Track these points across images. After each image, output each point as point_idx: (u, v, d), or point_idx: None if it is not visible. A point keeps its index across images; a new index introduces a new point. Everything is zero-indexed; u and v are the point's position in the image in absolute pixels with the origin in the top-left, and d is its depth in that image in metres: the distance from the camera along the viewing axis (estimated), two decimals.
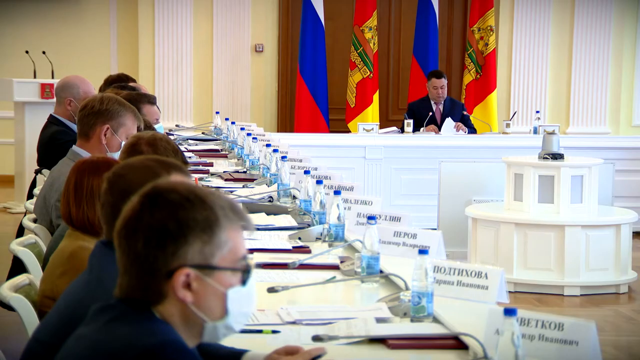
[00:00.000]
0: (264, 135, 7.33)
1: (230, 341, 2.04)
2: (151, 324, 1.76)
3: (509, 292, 2.89)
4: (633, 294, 7.15)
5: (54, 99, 5.80)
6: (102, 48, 11.54)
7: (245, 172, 6.00)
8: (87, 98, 4.40)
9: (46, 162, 5.17)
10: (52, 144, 5.29)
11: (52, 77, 9.62)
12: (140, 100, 4.96)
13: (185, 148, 7.25)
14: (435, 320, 2.71)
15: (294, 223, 4.21)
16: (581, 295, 7.00)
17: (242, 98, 11.49)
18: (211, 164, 6.37)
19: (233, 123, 7.64)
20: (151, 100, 5.36)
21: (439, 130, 9.36)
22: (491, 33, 11.01)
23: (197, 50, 11.36)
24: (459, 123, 9.33)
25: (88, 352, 1.74)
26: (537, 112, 10.91)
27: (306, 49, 10.80)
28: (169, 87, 11.30)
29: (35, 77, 9.82)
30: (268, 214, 4.39)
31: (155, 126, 4.96)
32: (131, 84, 6.35)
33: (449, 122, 9.30)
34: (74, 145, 4.13)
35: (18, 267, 3.80)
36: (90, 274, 2.34)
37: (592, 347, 2.18)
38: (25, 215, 4.32)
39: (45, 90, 9.11)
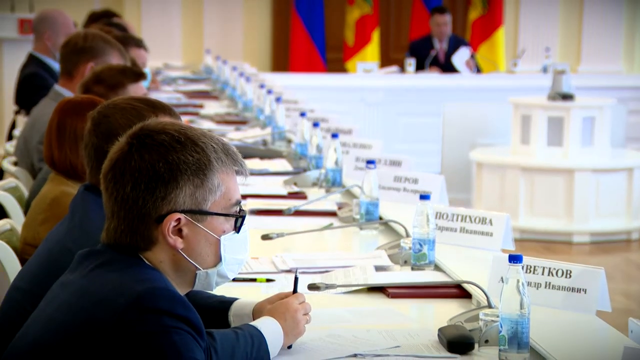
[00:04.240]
0: (257, 75, 7.31)
1: (223, 289, 2.06)
2: (140, 271, 1.78)
3: (515, 239, 2.91)
4: None
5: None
6: None
7: (237, 114, 5.99)
8: (68, 33, 4.39)
9: (25, 102, 5.17)
10: (32, 83, 5.28)
11: (31, 12, 9.54)
12: (126, 42, 4.95)
13: (174, 89, 7.24)
14: (437, 268, 2.74)
15: (289, 168, 4.23)
16: (590, 242, 7.04)
17: (234, 35, 11.42)
18: (201, 106, 6.36)
19: (225, 62, 7.62)
20: (138, 43, 5.36)
21: (443, 69, 9.32)
22: None
23: None
24: (469, 60, 9.27)
25: (74, 299, 1.75)
26: (547, 49, 10.85)
27: None
28: (156, 23, 11.21)
29: (13, 11, 9.74)
30: (262, 158, 4.40)
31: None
32: (116, 19, 6.32)
33: (463, 52, 9.19)
34: (55, 84, 4.13)
35: None
36: (72, 219, 2.34)
37: (601, 294, 2.20)
38: (5, 158, 4.32)
39: (24, 26, 9.04)
